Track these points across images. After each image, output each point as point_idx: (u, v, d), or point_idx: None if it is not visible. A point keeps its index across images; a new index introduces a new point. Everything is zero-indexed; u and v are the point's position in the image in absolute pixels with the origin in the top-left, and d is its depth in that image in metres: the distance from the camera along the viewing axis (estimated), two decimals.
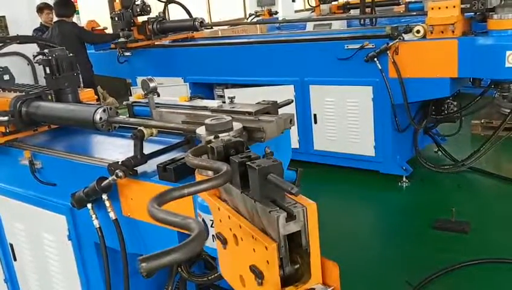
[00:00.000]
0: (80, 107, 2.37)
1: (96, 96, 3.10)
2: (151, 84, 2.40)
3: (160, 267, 0.95)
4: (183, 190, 1.15)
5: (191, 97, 2.27)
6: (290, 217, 1.16)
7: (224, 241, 1.39)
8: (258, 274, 1.22)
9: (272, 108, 1.92)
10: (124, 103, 2.54)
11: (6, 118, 2.50)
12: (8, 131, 2.57)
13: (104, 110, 2.14)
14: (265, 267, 1.20)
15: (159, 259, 0.95)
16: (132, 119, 2.10)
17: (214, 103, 2.10)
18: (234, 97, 2.04)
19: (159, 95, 2.44)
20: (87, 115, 2.17)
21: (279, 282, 1.18)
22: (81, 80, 2.77)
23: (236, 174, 1.26)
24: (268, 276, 1.19)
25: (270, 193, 1.19)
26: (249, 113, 1.83)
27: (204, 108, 2.10)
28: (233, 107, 1.95)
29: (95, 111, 2.13)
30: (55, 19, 6.82)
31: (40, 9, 7.50)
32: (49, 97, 2.63)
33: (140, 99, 2.40)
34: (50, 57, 2.55)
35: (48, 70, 2.57)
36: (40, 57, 2.61)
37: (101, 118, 2.12)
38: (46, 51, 2.63)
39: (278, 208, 1.19)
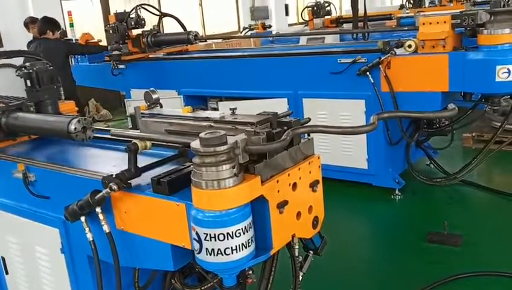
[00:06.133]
0: (56, 118, 2.43)
1: (77, 108, 3.17)
2: (154, 96, 2.43)
3: None
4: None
5: (194, 108, 2.29)
6: None
7: (284, 204, 1.76)
8: (315, 184, 1.94)
9: (272, 119, 1.95)
10: (128, 114, 2.57)
11: None
12: None
13: (78, 121, 2.18)
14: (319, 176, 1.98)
15: None
16: (107, 135, 2.16)
17: (216, 114, 2.12)
18: (236, 108, 2.07)
19: (161, 106, 2.46)
20: (62, 125, 2.22)
21: None
22: (62, 92, 2.85)
23: None
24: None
25: None
26: (251, 124, 1.86)
27: (207, 119, 2.11)
28: (235, 118, 1.97)
29: (70, 121, 2.18)
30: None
31: (26, 25, 7.65)
32: (31, 109, 2.68)
33: (143, 110, 2.42)
34: (31, 70, 2.62)
35: (28, 83, 2.64)
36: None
37: (75, 128, 2.16)
38: (27, 64, 2.70)
39: None
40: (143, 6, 6.44)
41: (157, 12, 6.79)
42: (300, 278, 2.14)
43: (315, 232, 2.04)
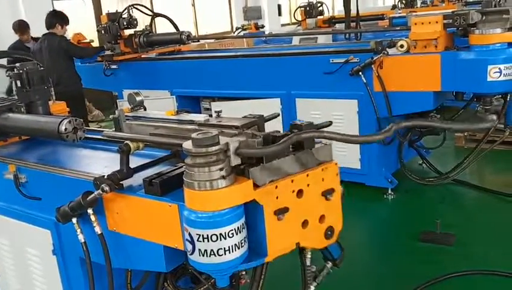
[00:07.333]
0: (46, 118, 2.44)
1: (67, 109, 3.14)
2: (138, 98, 2.42)
3: None
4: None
5: (178, 111, 2.27)
6: None
7: (283, 211, 1.69)
8: (329, 192, 1.86)
9: (258, 122, 1.93)
10: (111, 116, 2.55)
11: None
12: None
13: (69, 122, 2.19)
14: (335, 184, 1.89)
15: None
16: (99, 136, 2.14)
17: (200, 117, 2.10)
18: (221, 111, 2.05)
19: (145, 109, 2.45)
20: (52, 126, 2.22)
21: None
22: (52, 93, 2.83)
23: None
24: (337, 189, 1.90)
25: None
26: (236, 127, 1.84)
27: (191, 122, 2.10)
28: (219, 121, 1.95)
29: (60, 122, 2.18)
30: (44, 31, 6.81)
31: (15, 31, 7.60)
32: (21, 110, 2.67)
33: (127, 112, 2.40)
34: (21, 71, 2.61)
35: (18, 84, 2.63)
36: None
37: (66, 129, 2.16)
38: (17, 64, 2.68)
39: None
40: (135, 6, 6.41)
41: (150, 13, 6.77)
42: (313, 288, 2.07)
43: (329, 243, 1.95)
